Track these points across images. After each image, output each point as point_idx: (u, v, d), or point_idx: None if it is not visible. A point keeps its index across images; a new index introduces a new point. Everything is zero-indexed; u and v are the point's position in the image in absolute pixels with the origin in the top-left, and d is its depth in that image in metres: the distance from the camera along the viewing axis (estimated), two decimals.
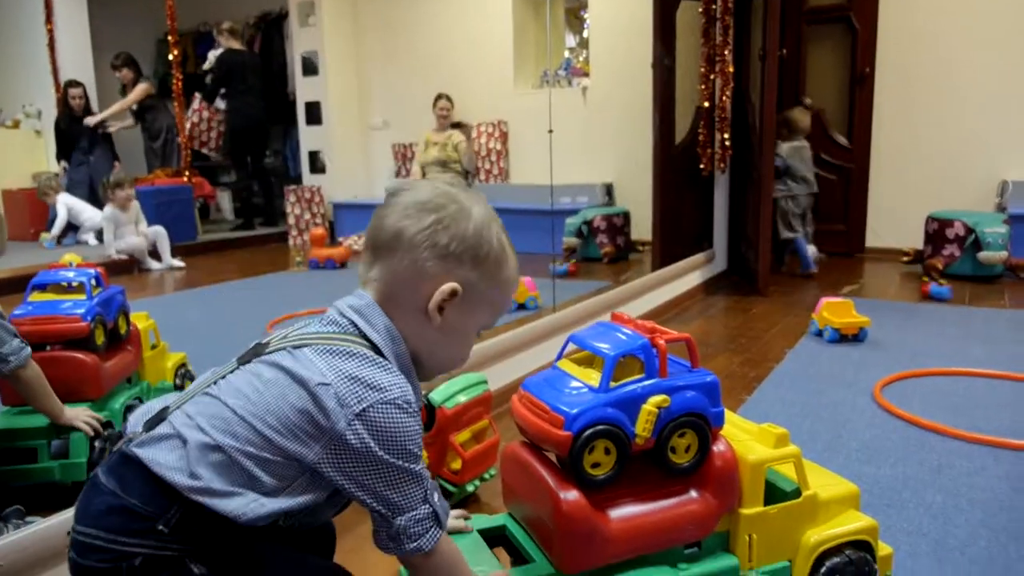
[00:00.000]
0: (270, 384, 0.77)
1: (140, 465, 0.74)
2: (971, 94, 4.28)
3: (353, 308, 0.83)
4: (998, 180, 4.21)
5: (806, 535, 1.05)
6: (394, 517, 0.77)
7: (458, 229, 0.82)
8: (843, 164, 4.62)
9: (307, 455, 0.75)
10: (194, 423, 0.76)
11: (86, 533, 0.74)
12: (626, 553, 0.97)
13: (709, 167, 3.63)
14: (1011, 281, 3.77)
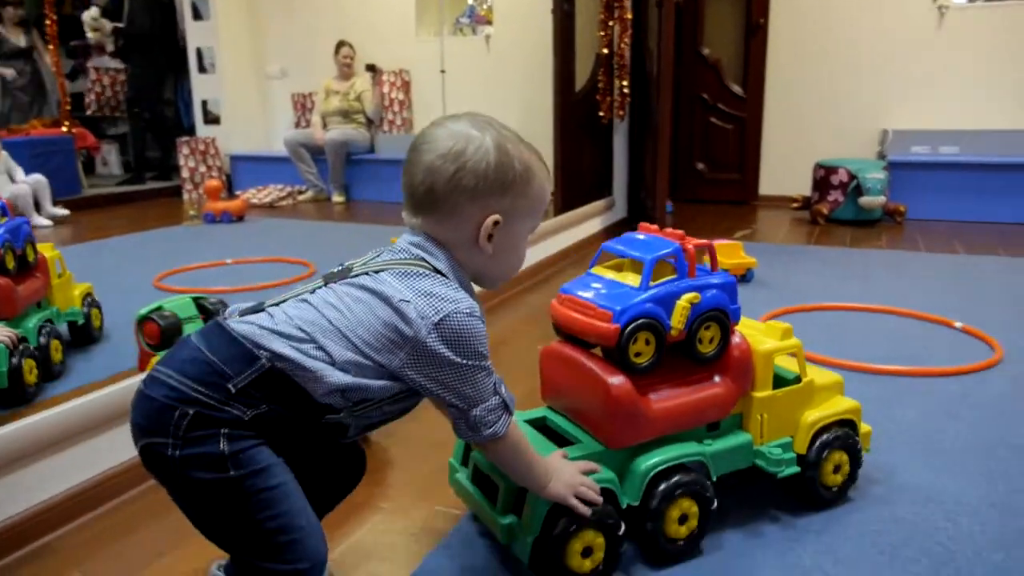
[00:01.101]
0: (359, 302, 0.87)
1: (230, 335, 0.84)
2: (858, 47, 4.46)
3: (414, 244, 0.93)
4: (880, 129, 4.42)
5: (805, 415, 1.22)
6: (470, 409, 0.89)
7: (480, 168, 0.90)
8: (738, 114, 4.75)
9: (392, 361, 0.86)
10: (294, 323, 0.86)
11: (163, 372, 0.83)
12: (662, 431, 1.11)
13: (608, 114, 3.66)
14: (889, 224, 4.00)
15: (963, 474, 1.35)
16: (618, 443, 1.08)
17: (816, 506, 1.23)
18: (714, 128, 4.81)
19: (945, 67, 4.29)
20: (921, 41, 4.33)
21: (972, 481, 1.33)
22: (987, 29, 4.20)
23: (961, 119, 4.25)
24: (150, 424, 0.82)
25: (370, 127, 5.41)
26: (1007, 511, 1.23)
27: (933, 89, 4.33)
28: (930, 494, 1.28)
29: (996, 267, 2.98)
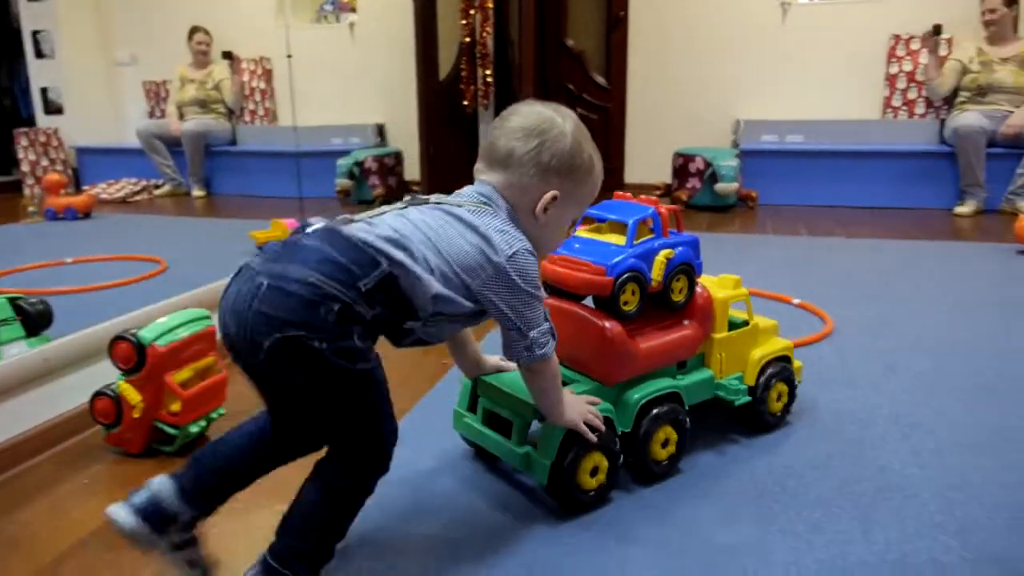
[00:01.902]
0: (449, 224, 0.98)
1: (352, 241, 0.91)
2: (712, 41, 4.66)
3: (482, 192, 1.05)
4: (734, 119, 4.65)
5: (752, 353, 1.43)
6: (528, 331, 1.01)
7: (557, 148, 1.04)
8: (602, 104, 4.86)
9: (474, 282, 0.97)
10: (400, 234, 0.94)
11: (291, 276, 0.86)
12: (646, 368, 1.29)
13: (473, 104, 3.66)
14: (742, 209, 4.22)
15: (803, 428, 1.44)
16: (613, 379, 1.26)
17: (764, 430, 1.45)
18: (581, 118, 4.89)
19: (790, 61, 4.56)
20: (768, 36, 4.58)
21: (808, 433, 1.41)
22: (826, 25, 4.49)
23: (806, 110, 4.53)
24: (293, 317, 0.85)
25: (231, 117, 5.18)
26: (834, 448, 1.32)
27: (780, 81, 4.60)
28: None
29: (834, 247, 3.20)
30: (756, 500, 1.21)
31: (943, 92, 4.17)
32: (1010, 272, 2.70)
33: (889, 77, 4.39)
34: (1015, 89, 3.97)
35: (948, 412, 1.53)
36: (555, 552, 1.09)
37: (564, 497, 1.17)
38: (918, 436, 1.42)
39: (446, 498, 1.25)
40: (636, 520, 1.16)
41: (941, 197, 4.10)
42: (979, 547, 1.08)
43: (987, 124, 3.91)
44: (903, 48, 4.35)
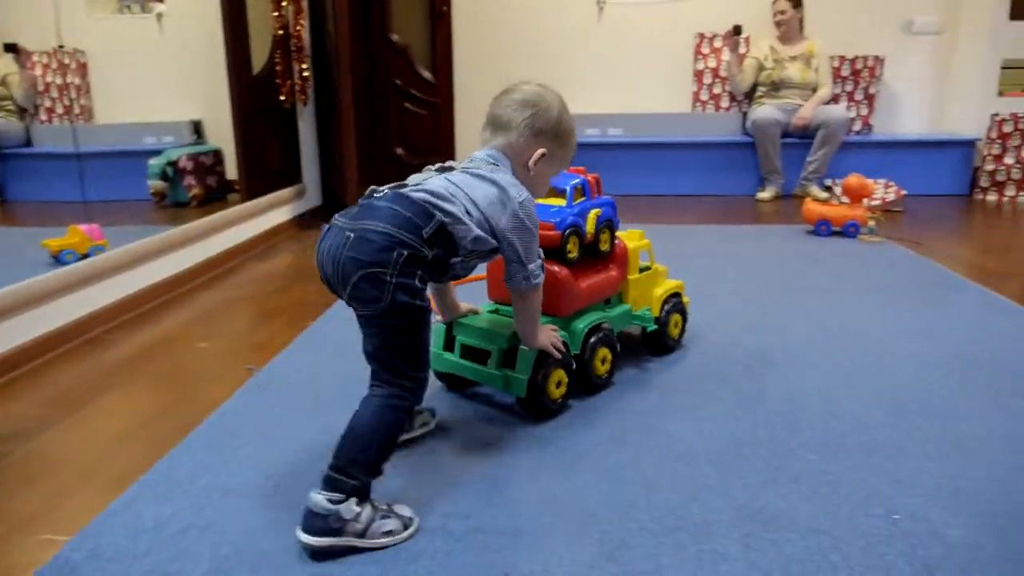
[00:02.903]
0: (477, 181, 1.26)
1: (412, 200, 1.17)
2: (533, 36, 4.77)
3: (490, 155, 1.33)
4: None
5: (654, 290, 1.81)
6: (528, 263, 1.30)
7: (546, 116, 1.33)
8: (430, 99, 4.85)
9: (500, 222, 1.25)
10: (448, 192, 1.21)
11: (371, 228, 1.12)
12: (586, 303, 1.61)
13: (291, 99, 3.53)
14: None
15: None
16: (564, 311, 1.56)
17: (667, 352, 1.83)
18: (409, 113, 4.87)
19: (608, 57, 4.76)
20: (586, 33, 4.75)
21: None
22: (638, 24, 4.72)
23: (625, 104, 4.74)
24: (373, 259, 1.11)
25: (23, 116, 4.70)
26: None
27: (600, 76, 4.78)
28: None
29: (652, 234, 3.36)
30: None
31: (744, 87, 4.50)
32: (797, 250, 2.96)
33: (696, 73, 4.69)
34: (802, 84, 4.35)
35: (740, 341, 1.66)
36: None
37: (536, 407, 1.46)
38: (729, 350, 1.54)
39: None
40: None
41: (745, 184, 4.43)
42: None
43: (781, 116, 4.26)
44: (707, 46, 4.66)
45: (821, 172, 4.24)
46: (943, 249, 3.00)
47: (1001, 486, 1.21)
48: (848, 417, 1.47)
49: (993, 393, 1.58)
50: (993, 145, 4.23)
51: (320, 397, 1.60)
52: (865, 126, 4.60)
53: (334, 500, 1.06)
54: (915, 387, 1.62)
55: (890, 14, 4.60)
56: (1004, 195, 4.23)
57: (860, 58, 4.52)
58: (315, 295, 2.42)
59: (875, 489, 1.21)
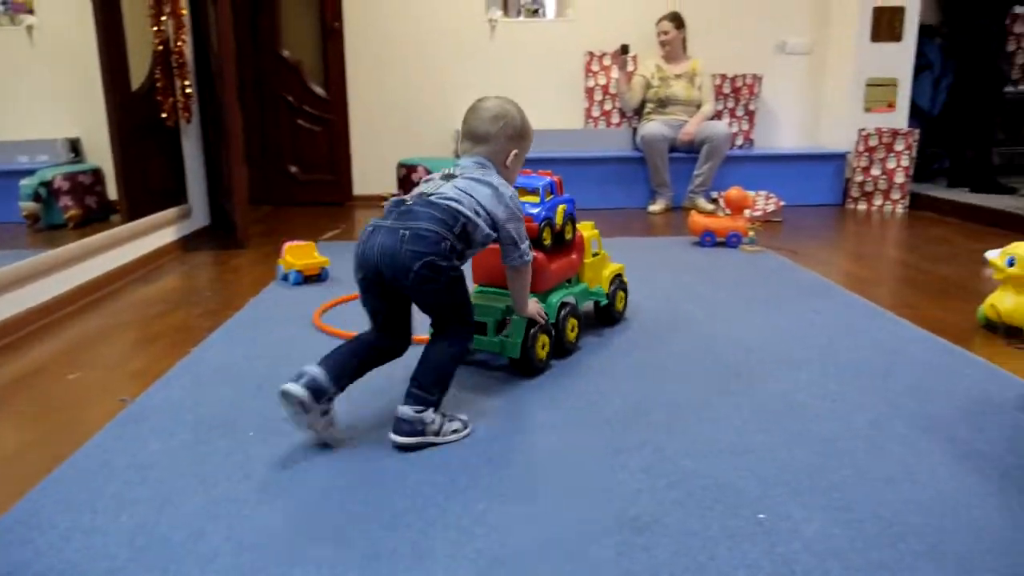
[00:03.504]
0: (476, 185, 1.55)
1: (442, 206, 1.48)
2: (427, 52, 4.78)
3: (477, 161, 1.63)
4: (454, 129, 4.81)
5: (603, 272, 2.19)
6: (520, 244, 1.62)
7: (513, 124, 1.64)
8: (324, 115, 4.79)
9: (498, 214, 1.56)
10: (461, 198, 1.51)
11: (425, 230, 1.43)
12: (556, 282, 1.95)
13: (173, 116, 3.41)
14: None
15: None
16: (541, 288, 1.87)
17: (613, 323, 2.22)
18: (302, 130, 4.79)
19: (501, 74, 4.82)
20: (479, 50, 4.80)
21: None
22: (530, 42, 4.82)
23: None
24: (429, 249, 1.42)
25: None
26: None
27: (493, 92, 4.81)
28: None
29: None
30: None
31: (633, 104, 4.65)
32: (683, 261, 3.07)
33: (587, 90, 4.81)
34: (687, 101, 4.54)
35: (624, 352, 1.70)
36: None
37: (527, 365, 1.79)
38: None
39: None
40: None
41: (637, 197, 4.57)
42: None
43: (668, 132, 4.43)
44: (597, 64, 4.79)
45: (707, 185, 4.42)
46: (817, 257, 3.18)
47: (860, 482, 1.30)
48: (723, 421, 1.54)
49: (858, 394, 1.69)
50: (861, 158, 4.53)
51: (199, 426, 1.54)
52: (747, 141, 4.84)
53: (418, 410, 1.42)
54: (786, 390, 1.71)
55: (765, 35, 4.87)
56: (872, 204, 4.54)
57: (740, 76, 4.76)
58: (198, 318, 2.33)
59: (744, 490, 1.26)
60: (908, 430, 1.50)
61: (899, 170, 4.43)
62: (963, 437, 1.46)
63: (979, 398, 1.66)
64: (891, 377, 1.78)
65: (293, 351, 2.00)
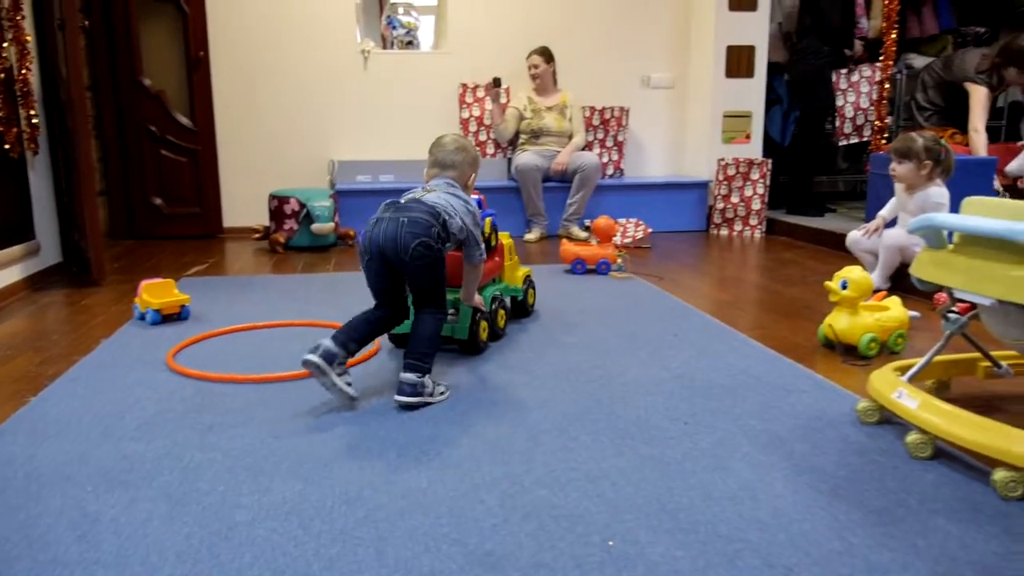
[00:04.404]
0: (450, 196, 1.98)
1: (428, 205, 1.89)
2: (300, 83, 4.71)
3: (447, 181, 2.05)
4: (329, 159, 4.75)
5: (518, 273, 2.65)
6: (479, 244, 2.04)
7: (472, 154, 2.11)
8: (190, 146, 4.62)
9: (466, 220, 1.96)
10: (439, 200, 1.93)
11: (418, 218, 1.83)
12: (486, 280, 2.39)
13: (18, 148, 3.19)
14: (342, 248, 4.31)
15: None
16: (480, 283, 2.22)
17: (525, 316, 2.68)
18: (167, 161, 4.59)
19: (376, 104, 4.81)
20: (353, 81, 4.77)
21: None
22: (404, 73, 4.83)
23: (396, 151, 4.80)
24: (423, 232, 1.83)
25: None
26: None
27: (370, 123, 4.82)
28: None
29: None
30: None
31: (507, 135, 4.74)
32: (555, 288, 3.14)
33: (462, 121, 4.87)
34: (559, 132, 4.67)
35: (488, 377, 1.71)
36: None
37: (473, 345, 2.21)
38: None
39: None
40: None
41: (513, 226, 4.64)
42: None
43: (540, 162, 4.54)
44: (471, 96, 4.86)
45: (580, 213, 4.56)
46: (680, 282, 3.33)
47: (705, 502, 1.36)
48: (580, 449, 1.58)
49: (709, 415, 1.77)
50: (721, 186, 4.79)
51: (30, 484, 1.43)
52: (617, 170, 5.03)
53: (418, 376, 1.81)
54: (642, 414, 1.77)
55: (631, 70, 5.09)
56: (733, 230, 4.81)
57: (608, 109, 4.95)
58: (40, 365, 2.18)
59: (596, 518, 1.30)
60: (752, 448, 1.58)
61: (755, 197, 4.73)
62: (801, 453, 1.56)
63: (816, 414, 1.77)
64: (739, 397, 1.88)
65: (143, 396, 1.90)
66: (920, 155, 2.70)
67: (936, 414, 1.50)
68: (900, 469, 1.49)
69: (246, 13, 4.59)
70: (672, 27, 5.10)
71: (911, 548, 1.21)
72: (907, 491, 1.40)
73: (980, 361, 1.80)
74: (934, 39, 5.45)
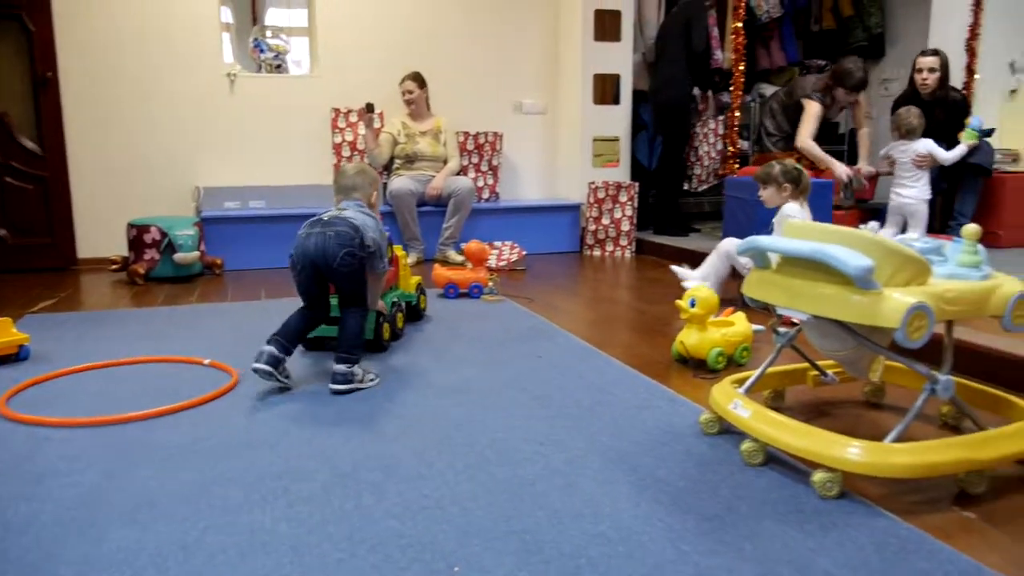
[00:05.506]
0: (361, 214, 2.30)
1: (347, 220, 2.20)
2: (161, 107, 4.52)
3: (356, 202, 2.37)
4: (193, 186, 4.57)
5: (411, 281, 3.01)
6: (384, 257, 2.36)
7: (372, 176, 2.47)
8: (38, 173, 4.34)
9: (375, 234, 2.26)
10: (356, 215, 2.27)
11: (343, 231, 2.16)
12: (387, 287, 2.74)
13: None
14: (209, 278, 4.15)
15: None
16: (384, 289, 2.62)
17: (419, 319, 3.04)
18: (12, 189, 4.29)
19: (245, 129, 4.68)
20: (219, 105, 4.63)
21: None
22: (273, 97, 4.74)
23: (267, 176, 4.69)
24: (349, 243, 2.15)
25: None
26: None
27: (238, 149, 4.68)
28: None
29: (283, 306, 3.33)
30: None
31: (382, 160, 4.72)
32: (428, 312, 3.14)
33: (335, 146, 4.82)
34: (434, 157, 4.70)
35: (348, 408, 1.68)
36: None
37: (377, 344, 2.52)
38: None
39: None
40: None
41: None
42: None
43: (415, 187, 4.54)
44: (343, 120, 4.82)
45: (456, 237, 4.59)
46: (551, 303, 3.41)
47: (551, 521, 1.39)
48: (434, 476, 1.58)
49: (564, 433, 1.82)
50: (592, 208, 4.96)
51: None
52: (492, 194, 5.10)
53: (348, 366, 2.11)
54: (499, 436, 1.80)
55: (504, 96, 5.20)
56: (605, 250, 4.97)
57: (482, 134, 5.03)
58: None
59: (443, 544, 1.30)
60: (601, 465, 1.64)
61: (624, 219, 4.91)
62: (646, 467, 1.63)
63: (665, 428, 1.86)
64: (594, 415, 1.95)
65: None
66: (778, 179, 2.89)
67: (766, 423, 1.60)
68: (735, 476, 1.58)
69: (99, 31, 4.37)
70: (542, 55, 5.25)
71: (738, 552, 1.28)
72: (739, 497, 1.48)
73: (809, 371, 1.93)
74: (782, 70, 5.88)
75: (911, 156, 3.85)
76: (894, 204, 3.95)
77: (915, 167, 3.87)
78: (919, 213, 3.86)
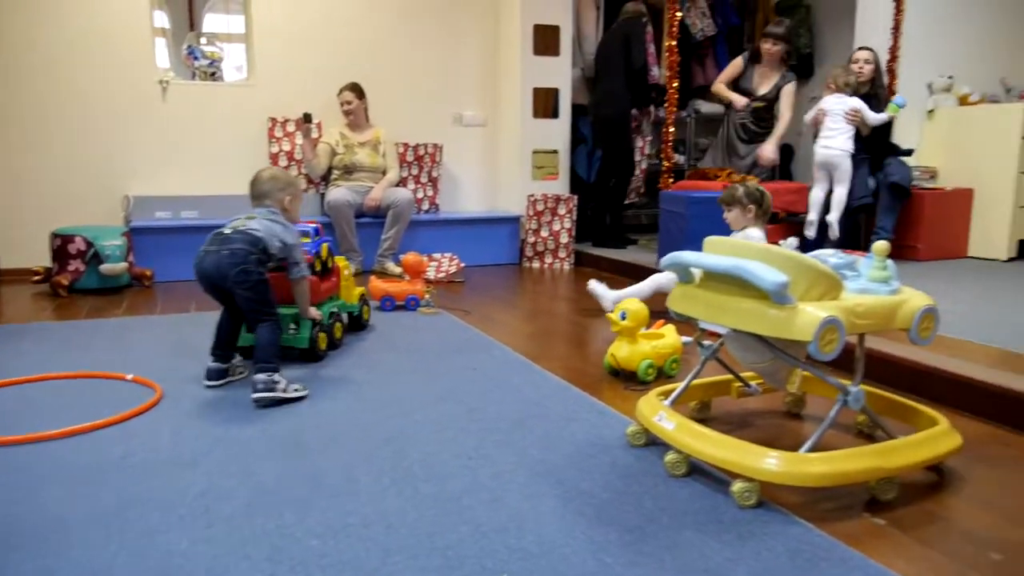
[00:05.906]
0: (270, 222, 2.31)
1: (248, 232, 2.24)
2: (89, 114, 4.38)
3: (269, 209, 2.37)
4: (122, 195, 4.44)
5: (353, 292, 3.02)
6: (300, 263, 2.40)
7: (285, 179, 2.46)
8: None
9: (286, 239, 2.32)
10: (260, 226, 2.29)
11: (237, 249, 2.19)
12: (326, 296, 2.78)
13: None
14: (138, 289, 4.03)
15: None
16: (316, 301, 2.61)
17: (361, 329, 3.08)
18: None
19: (178, 138, 4.57)
20: (151, 113, 4.51)
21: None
22: (208, 105, 4.64)
23: (201, 186, 4.58)
24: (242, 262, 2.18)
25: None
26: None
27: (171, 158, 4.57)
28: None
29: (214, 319, 3.25)
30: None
31: (319, 171, 4.67)
32: (371, 326, 3.12)
33: (272, 156, 4.74)
34: (372, 168, 4.67)
35: (272, 426, 1.65)
36: None
37: (312, 353, 2.54)
38: None
39: None
40: None
41: None
42: None
43: (353, 198, 4.50)
44: (280, 130, 4.75)
45: (395, 248, 4.56)
46: (488, 315, 3.42)
47: (475, 536, 1.39)
48: (360, 492, 1.57)
49: (493, 447, 1.82)
50: (532, 221, 4.99)
51: None
52: (432, 205, 5.09)
53: (267, 375, 2.11)
54: (430, 451, 1.79)
55: (443, 108, 5.21)
56: (544, 262, 5.01)
57: (422, 145, 5.02)
58: None
59: (365, 563, 1.29)
60: (528, 479, 1.65)
61: (563, 231, 4.96)
62: (572, 480, 1.65)
63: (593, 441, 1.88)
64: (525, 428, 1.96)
65: None
66: (742, 200, 2.90)
67: (688, 434, 1.64)
68: (659, 487, 1.61)
69: (19, 32, 4.21)
70: (482, 67, 5.27)
71: (658, 563, 1.31)
72: (662, 508, 1.51)
73: (733, 382, 1.98)
74: None
75: (845, 109, 3.99)
76: (820, 158, 4.06)
77: (846, 122, 4.01)
78: (843, 166, 3.98)
